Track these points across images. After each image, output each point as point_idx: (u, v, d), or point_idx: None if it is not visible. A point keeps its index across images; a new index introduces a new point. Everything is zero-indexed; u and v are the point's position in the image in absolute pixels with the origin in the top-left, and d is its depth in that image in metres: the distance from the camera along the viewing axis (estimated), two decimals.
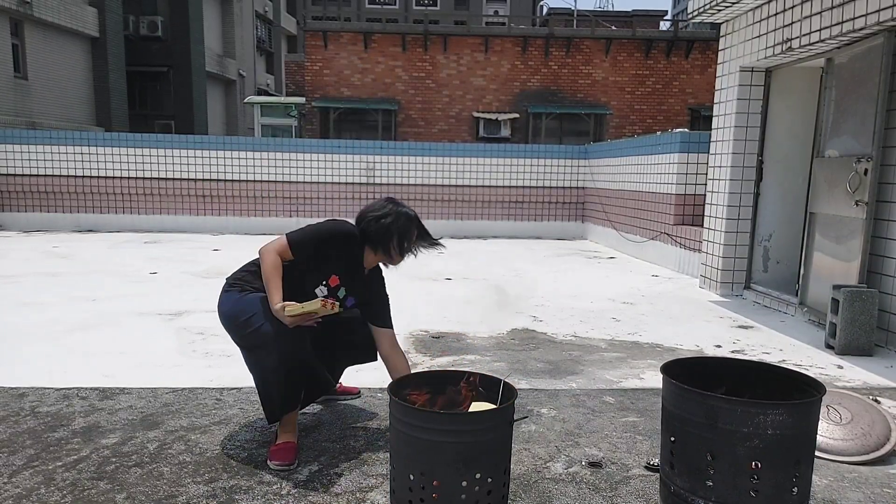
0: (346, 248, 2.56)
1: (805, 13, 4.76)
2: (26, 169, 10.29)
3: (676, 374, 2.03)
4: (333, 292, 2.58)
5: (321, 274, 2.55)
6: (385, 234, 2.54)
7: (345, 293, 2.61)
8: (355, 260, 2.61)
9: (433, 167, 10.57)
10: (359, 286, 2.65)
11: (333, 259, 2.55)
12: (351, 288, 2.63)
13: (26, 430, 2.67)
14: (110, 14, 20.91)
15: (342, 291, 2.60)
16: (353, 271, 2.61)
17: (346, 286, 2.60)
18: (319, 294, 2.53)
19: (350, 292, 2.63)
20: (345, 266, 2.58)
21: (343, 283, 2.59)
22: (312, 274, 2.55)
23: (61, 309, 4.89)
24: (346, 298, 2.62)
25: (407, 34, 16.91)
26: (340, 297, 2.59)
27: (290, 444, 2.46)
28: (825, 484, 2.36)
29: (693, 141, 7.14)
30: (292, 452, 2.43)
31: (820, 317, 4.67)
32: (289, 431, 2.51)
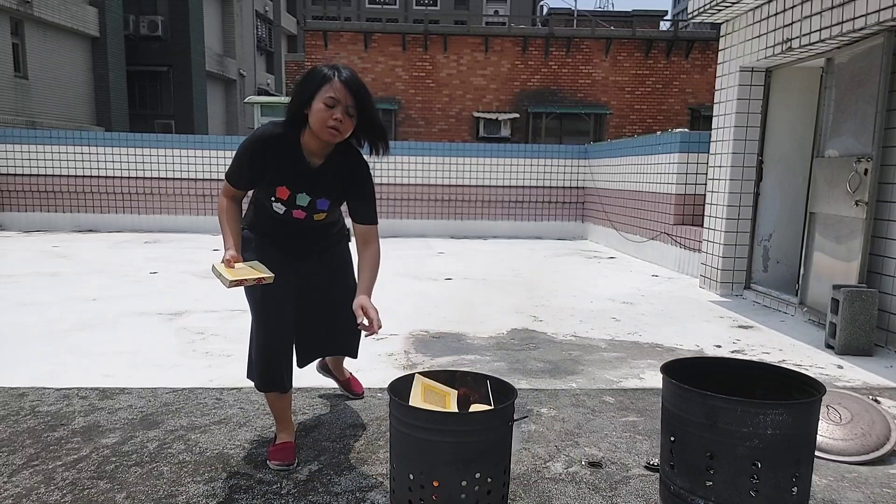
0: (275, 150, 2.23)
1: (805, 13, 4.76)
2: (26, 169, 10.29)
3: (676, 373, 2.03)
4: (292, 204, 2.30)
5: (269, 191, 2.29)
6: (293, 101, 2.20)
7: (308, 198, 2.30)
8: (294, 157, 2.25)
9: (433, 167, 10.56)
10: (321, 184, 2.30)
11: (271, 168, 2.24)
12: (312, 189, 2.29)
13: (26, 430, 2.67)
14: (110, 13, 20.92)
15: (303, 198, 2.30)
16: (299, 171, 2.26)
17: (303, 190, 2.29)
18: (279, 210, 2.31)
19: (314, 194, 2.31)
20: (288, 170, 2.25)
21: (296, 190, 2.28)
22: (264, 195, 2.32)
23: (61, 309, 4.90)
24: (313, 203, 2.32)
25: (407, 34, 16.91)
26: (304, 204, 2.31)
27: (288, 444, 2.46)
28: (825, 484, 2.36)
29: (693, 141, 7.14)
30: (291, 452, 2.43)
31: (820, 317, 4.67)
32: (286, 431, 2.51)
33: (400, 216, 10.51)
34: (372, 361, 3.68)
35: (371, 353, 3.80)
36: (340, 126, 2.15)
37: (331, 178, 2.31)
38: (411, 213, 10.54)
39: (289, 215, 2.35)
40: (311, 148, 2.26)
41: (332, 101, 2.13)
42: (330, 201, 2.36)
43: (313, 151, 2.27)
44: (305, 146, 2.26)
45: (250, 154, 2.25)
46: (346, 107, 2.15)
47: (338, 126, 2.15)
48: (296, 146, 2.25)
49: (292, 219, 2.36)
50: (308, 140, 2.24)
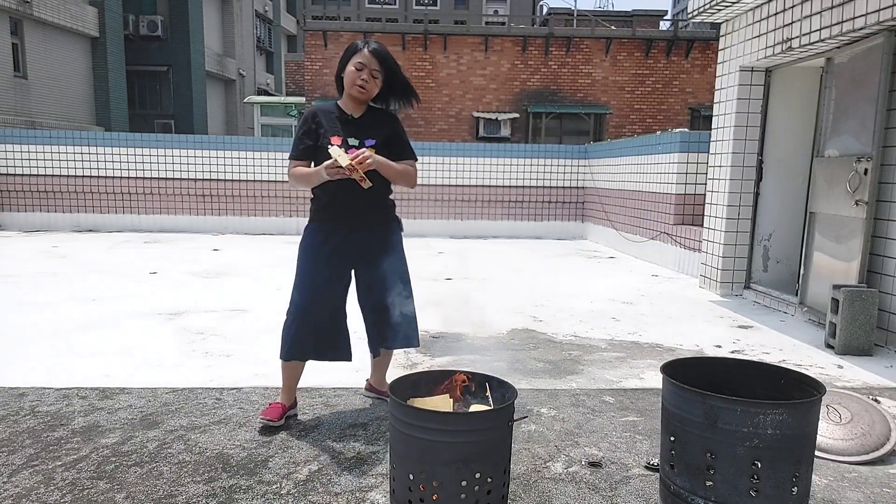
0: (322, 113, 2.75)
1: (805, 13, 4.76)
2: (26, 169, 10.29)
3: (676, 373, 2.03)
4: (346, 146, 2.69)
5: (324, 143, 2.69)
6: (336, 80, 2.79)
7: (357, 141, 2.73)
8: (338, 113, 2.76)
9: (433, 167, 10.56)
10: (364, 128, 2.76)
11: (323, 126, 2.72)
12: (357, 132, 2.74)
13: (26, 430, 2.67)
14: (110, 13, 20.91)
15: (353, 141, 2.72)
16: (344, 121, 2.75)
17: (351, 135, 2.73)
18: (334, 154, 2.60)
19: (360, 135, 2.74)
20: (335, 123, 2.73)
21: (346, 135, 2.72)
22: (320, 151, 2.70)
23: (61, 309, 4.89)
24: (363, 142, 2.74)
25: (407, 34, 16.91)
26: (354, 144, 2.70)
27: (278, 404, 2.78)
28: (825, 484, 2.36)
29: (693, 141, 7.14)
30: (278, 412, 2.74)
31: (820, 317, 4.66)
32: (283, 395, 2.82)
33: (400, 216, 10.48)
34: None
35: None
36: (366, 85, 2.68)
37: (372, 126, 2.79)
38: (411, 213, 10.53)
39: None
40: (349, 106, 2.78)
41: (360, 65, 2.67)
42: (375, 140, 2.76)
43: (352, 108, 2.78)
44: (344, 106, 2.78)
45: (304, 123, 2.76)
46: (372, 70, 2.68)
47: (364, 84, 2.68)
48: (337, 107, 2.79)
49: None
50: (345, 100, 2.78)
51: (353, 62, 2.67)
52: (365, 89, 2.68)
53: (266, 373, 3.42)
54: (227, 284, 5.97)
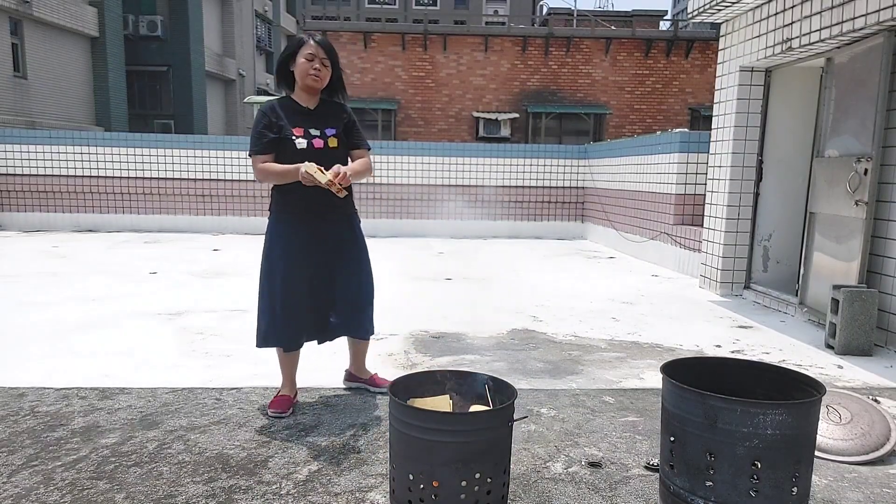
0: (278, 108, 2.84)
1: (805, 13, 4.76)
2: (26, 169, 10.29)
3: (676, 374, 2.03)
4: (309, 136, 2.82)
5: (289, 136, 2.80)
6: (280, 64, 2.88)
7: (318, 131, 2.86)
8: (294, 107, 2.87)
9: (433, 167, 10.56)
10: (322, 119, 2.88)
11: (283, 119, 2.82)
12: (317, 123, 2.86)
13: (25, 430, 2.67)
14: (110, 13, 20.91)
15: (314, 130, 2.85)
16: (302, 112, 2.86)
17: (312, 126, 2.85)
18: (302, 146, 2.79)
19: (320, 126, 2.86)
20: (294, 116, 2.84)
21: (307, 126, 2.84)
22: (287, 142, 2.80)
23: (61, 309, 4.89)
24: (324, 132, 2.87)
25: (406, 34, 16.91)
26: (317, 134, 2.84)
27: (285, 397, 2.88)
28: (825, 484, 2.36)
29: (693, 141, 7.14)
30: (287, 403, 2.84)
31: (820, 317, 4.66)
32: (287, 386, 2.93)
33: (400, 216, 10.51)
34: (372, 361, 3.68)
35: (371, 354, 3.79)
36: (319, 73, 2.80)
37: (329, 116, 2.92)
38: (411, 213, 10.53)
39: (311, 147, 2.82)
40: (303, 98, 2.88)
41: (310, 55, 2.78)
42: (335, 129, 2.89)
43: (306, 99, 2.89)
44: (297, 98, 2.89)
45: (263, 118, 2.82)
46: (321, 59, 2.80)
47: (317, 73, 2.79)
48: (290, 101, 2.89)
49: (314, 150, 2.81)
50: (298, 93, 2.88)
51: (302, 54, 2.78)
52: (319, 77, 2.80)
53: (266, 373, 3.41)
54: (227, 284, 5.97)
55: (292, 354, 2.95)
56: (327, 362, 3.52)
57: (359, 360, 3.22)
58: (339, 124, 2.91)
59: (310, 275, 2.87)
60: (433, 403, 2.13)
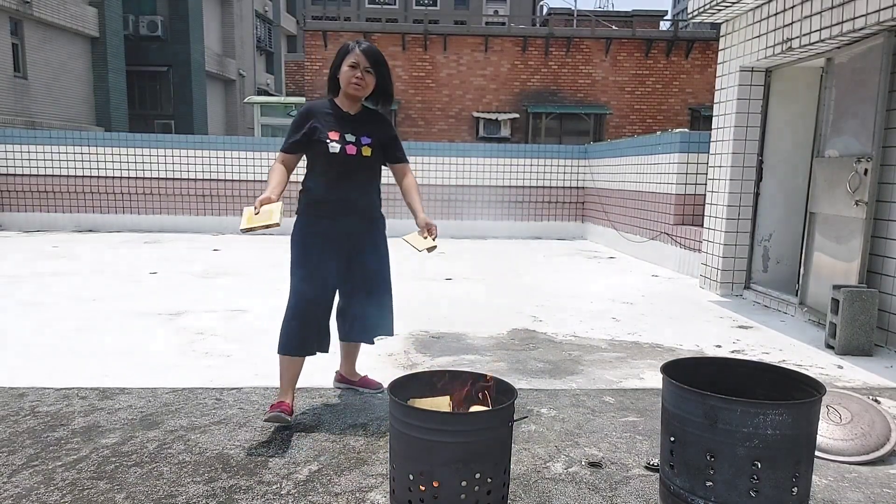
0: (318, 110, 2.84)
1: (805, 13, 4.76)
2: (26, 169, 10.29)
3: (676, 374, 2.03)
4: (343, 141, 2.81)
5: (323, 138, 2.79)
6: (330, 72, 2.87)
7: (354, 137, 2.84)
8: (334, 110, 2.86)
9: (433, 167, 10.56)
10: (360, 125, 2.88)
11: (319, 123, 2.80)
12: (354, 129, 2.86)
13: (26, 430, 2.67)
14: (110, 13, 20.91)
15: (349, 136, 2.83)
16: (341, 117, 2.85)
17: (348, 131, 2.84)
18: (334, 150, 2.78)
19: (357, 132, 2.86)
20: (332, 119, 2.83)
21: (343, 130, 2.83)
22: (319, 144, 2.79)
23: (61, 309, 4.89)
24: (360, 139, 2.85)
25: (407, 34, 16.91)
26: (352, 140, 2.83)
27: (284, 403, 2.77)
28: (825, 484, 2.36)
29: (693, 141, 7.14)
30: (287, 409, 2.75)
31: (820, 317, 4.66)
32: (286, 395, 2.82)
33: (400, 216, 10.46)
34: (372, 361, 3.68)
35: (371, 353, 3.80)
36: (361, 81, 2.79)
37: (367, 124, 2.91)
38: (411, 213, 10.51)
39: (343, 152, 2.80)
40: (345, 104, 2.88)
41: (354, 63, 2.78)
42: (371, 139, 2.87)
43: (348, 106, 2.89)
44: (339, 103, 2.88)
45: (299, 119, 2.83)
46: (364, 68, 2.79)
47: (359, 81, 2.79)
48: (333, 104, 2.89)
49: (346, 156, 2.81)
50: (341, 98, 2.87)
51: (346, 62, 2.78)
52: (360, 85, 2.79)
53: (266, 373, 3.42)
54: (227, 284, 5.97)
55: (298, 360, 2.87)
56: (327, 362, 3.52)
57: (350, 361, 3.20)
58: (377, 134, 2.91)
59: (331, 281, 2.87)
60: (433, 403, 2.13)
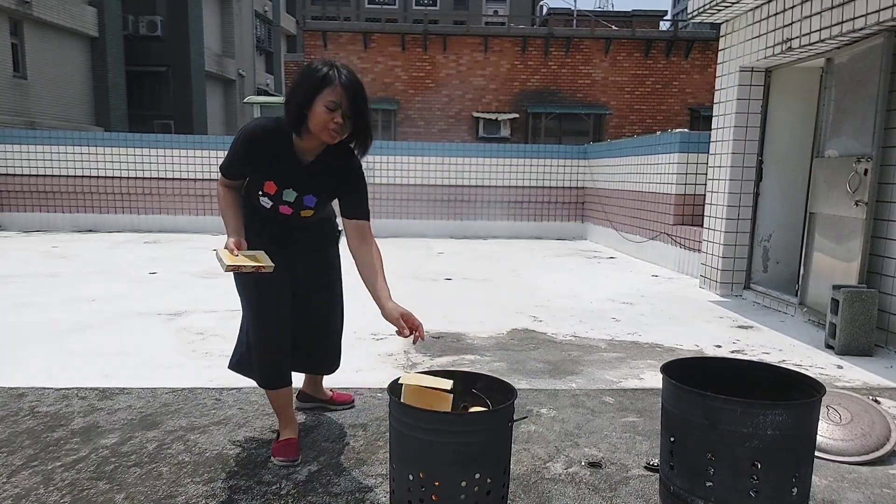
0: (267, 145, 2.22)
1: (805, 13, 4.76)
2: (26, 169, 10.28)
3: (676, 374, 2.03)
4: (279, 199, 2.31)
5: (257, 185, 2.30)
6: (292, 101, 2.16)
7: (295, 194, 2.30)
8: (286, 154, 2.25)
9: (433, 167, 10.56)
10: (311, 181, 2.30)
11: (265, 163, 2.25)
12: (300, 185, 2.29)
13: (25, 430, 2.66)
14: (109, 14, 20.91)
15: (289, 194, 2.30)
16: (290, 168, 2.26)
17: (291, 187, 2.29)
18: (265, 205, 2.31)
19: (302, 190, 2.30)
20: (278, 166, 2.26)
21: (283, 185, 2.28)
22: (252, 188, 2.32)
23: (61, 309, 4.89)
24: (300, 200, 2.32)
25: (406, 34, 16.92)
26: (290, 200, 2.31)
27: (292, 440, 2.49)
28: (825, 484, 2.36)
29: (693, 141, 7.14)
30: (295, 449, 2.46)
31: (820, 317, 4.66)
32: (289, 427, 2.53)
33: (400, 216, 10.50)
34: (372, 361, 3.68)
35: (371, 353, 3.80)
36: (340, 130, 2.17)
37: (322, 175, 2.31)
38: (411, 213, 10.53)
39: (275, 210, 2.35)
40: (305, 146, 2.26)
41: (333, 104, 2.12)
42: (317, 199, 2.35)
43: (306, 149, 2.27)
44: (298, 143, 2.25)
45: (243, 148, 2.25)
46: (345, 112, 2.15)
47: (338, 129, 2.16)
48: (288, 143, 2.25)
49: (279, 214, 2.36)
50: (303, 138, 2.23)
51: (324, 99, 2.11)
52: (339, 134, 2.18)
53: None
54: (227, 284, 5.95)
55: (285, 390, 2.51)
56: None
57: (316, 381, 2.91)
58: (329, 188, 2.34)
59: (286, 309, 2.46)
60: (433, 403, 2.13)
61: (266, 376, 2.46)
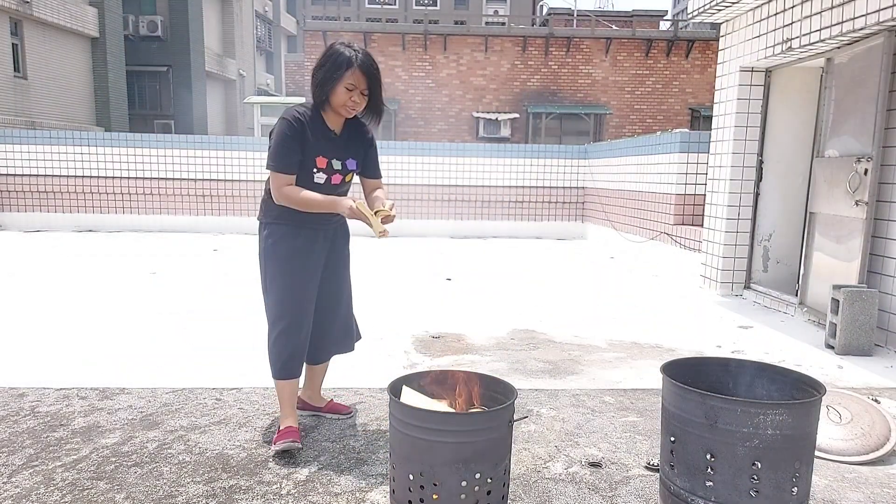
0: (310, 126, 2.50)
1: (805, 13, 4.76)
2: (26, 169, 10.29)
3: (676, 374, 2.03)
4: (330, 170, 2.56)
5: (308, 165, 2.52)
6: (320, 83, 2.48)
7: (340, 162, 2.59)
8: (323, 129, 2.55)
9: (433, 167, 10.56)
10: (346, 148, 2.62)
11: (310, 141, 2.50)
12: (341, 153, 2.60)
13: (26, 430, 2.67)
14: (110, 14, 20.91)
15: (336, 163, 2.57)
16: (329, 139, 2.56)
17: (335, 156, 2.57)
18: (319, 181, 2.53)
19: (344, 156, 2.61)
20: (321, 141, 2.53)
21: (330, 156, 2.56)
22: (304, 170, 2.52)
23: (61, 309, 4.89)
24: (345, 165, 2.62)
25: (407, 34, 16.91)
26: (339, 168, 2.59)
27: (292, 427, 2.55)
28: (825, 484, 2.36)
29: (693, 141, 7.14)
30: (296, 433, 2.53)
31: (820, 317, 4.67)
32: (292, 416, 2.60)
33: (400, 216, 10.48)
34: (372, 361, 3.68)
35: (371, 353, 3.80)
36: (357, 106, 2.51)
37: (352, 141, 2.66)
38: (411, 213, 10.53)
39: (328, 182, 2.58)
40: (333, 120, 2.59)
41: (351, 85, 2.45)
42: (356, 161, 2.66)
43: (334, 122, 2.60)
44: (327, 119, 2.58)
45: (292, 133, 2.48)
46: (362, 90, 2.49)
47: (355, 106, 2.50)
48: (321, 121, 2.57)
49: (331, 185, 2.59)
50: (329, 115, 2.57)
51: (344, 81, 2.43)
52: (356, 110, 2.52)
53: (266, 373, 3.41)
54: (227, 284, 5.97)
55: (294, 381, 2.62)
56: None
57: (315, 384, 2.90)
58: (361, 151, 2.67)
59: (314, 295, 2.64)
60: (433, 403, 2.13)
61: (285, 366, 2.56)
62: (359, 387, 3.25)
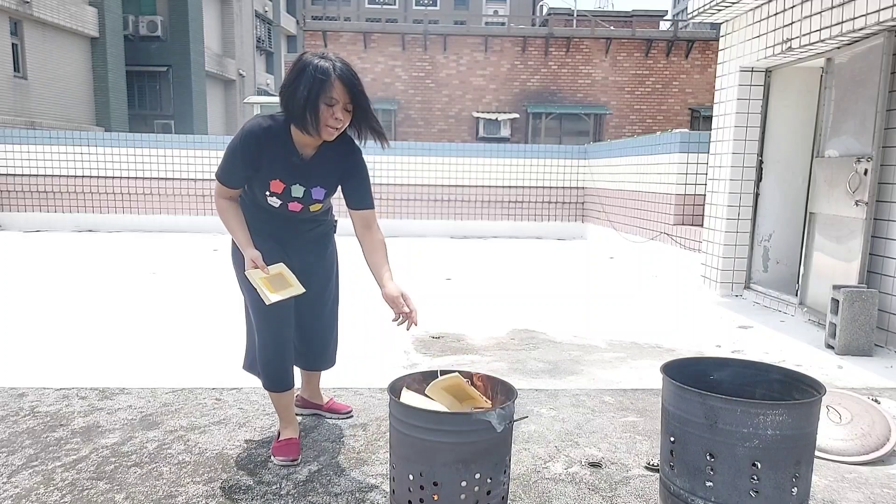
0: (267, 144, 2.19)
1: (805, 13, 4.76)
2: (26, 169, 10.29)
3: (676, 374, 2.03)
4: (287, 196, 2.27)
5: (262, 186, 2.25)
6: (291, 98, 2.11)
7: (302, 189, 2.27)
8: (286, 149, 2.22)
9: (433, 167, 10.56)
10: (315, 174, 2.28)
11: (264, 163, 2.20)
12: (306, 179, 2.26)
13: (25, 430, 2.66)
14: (110, 14, 20.92)
15: (297, 189, 2.26)
16: (293, 163, 2.23)
17: (297, 182, 2.26)
18: (274, 205, 2.27)
19: (309, 183, 2.27)
20: (281, 163, 2.22)
21: (290, 182, 2.25)
22: (258, 190, 2.27)
23: (61, 309, 4.89)
24: (308, 194, 2.29)
25: (406, 34, 16.91)
26: (299, 195, 2.28)
27: (293, 440, 2.49)
28: (825, 484, 2.36)
29: (693, 141, 7.14)
30: (296, 448, 2.45)
31: (820, 317, 4.66)
32: (290, 427, 2.53)
33: (400, 216, 10.51)
34: (371, 361, 3.68)
35: (371, 353, 3.80)
36: (340, 124, 2.15)
37: (325, 166, 2.30)
38: (411, 213, 10.53)
39: (284, 209, 2.32)
40: (304, 140, 2.23)
41: (332, 100, 2.10)
42: (325, 190, 2.33)
43: (306, 143, 2.24)
44: (297, 138, 2.23)
45: (242, 150, 2.20)
46: (345, 105, 2.14)
47: (337, 124, 2.14)
48: (286, 139, 2.22)
49: (287, 212, 2.33)
50: (301, 136, 2.21)
51: (323, 98, 2.08)
52: (339, 129, 2.17)
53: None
54: (227, 284, 5.96)
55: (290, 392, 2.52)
56: None
57: (312, 384, 2.84)
58: (334, 177, 2.32)
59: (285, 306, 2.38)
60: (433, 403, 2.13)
61: (271, 379, 2.45)
62: (359, 387, 3.25)
